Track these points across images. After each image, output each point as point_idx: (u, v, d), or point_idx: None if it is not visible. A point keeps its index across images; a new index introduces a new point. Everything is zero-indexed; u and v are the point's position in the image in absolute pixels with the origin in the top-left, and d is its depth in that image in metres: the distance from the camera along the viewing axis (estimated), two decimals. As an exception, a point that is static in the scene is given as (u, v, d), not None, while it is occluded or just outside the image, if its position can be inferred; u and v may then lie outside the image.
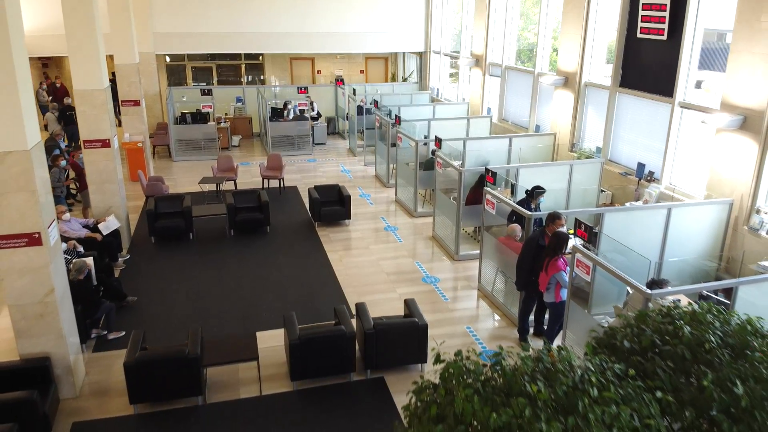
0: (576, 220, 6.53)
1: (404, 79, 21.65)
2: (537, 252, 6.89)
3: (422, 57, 20.12)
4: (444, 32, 18.63)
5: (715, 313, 3.17)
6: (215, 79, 21.63)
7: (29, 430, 5.46)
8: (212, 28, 17.81)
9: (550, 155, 11.96)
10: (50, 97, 19.51)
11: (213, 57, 21.43)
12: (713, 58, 9.12)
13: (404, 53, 21.71)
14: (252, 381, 6.60)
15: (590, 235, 6.55)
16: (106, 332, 7.50)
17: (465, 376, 2.73)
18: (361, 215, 11.98)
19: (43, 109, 20.37)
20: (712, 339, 2.94)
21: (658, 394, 2.67)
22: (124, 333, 7.49)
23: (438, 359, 2.95)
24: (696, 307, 3.30)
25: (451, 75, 19.03)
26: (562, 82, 11.72)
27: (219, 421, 6.07)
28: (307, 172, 15.15)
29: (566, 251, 6.54)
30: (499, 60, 14.80)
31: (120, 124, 15.36)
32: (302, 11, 18.25)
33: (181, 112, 16.47)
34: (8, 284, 5.91)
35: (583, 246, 6.33)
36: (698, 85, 9.25)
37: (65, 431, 5.91)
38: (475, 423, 2.51)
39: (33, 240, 5.79)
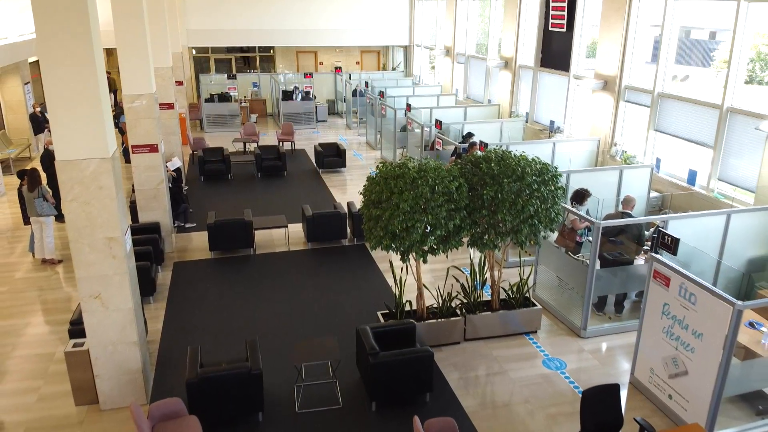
0: (480, 141, 10.46)
1: (393, 69, 25.58)
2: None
3: (407, 50, 24.06)
4: (424, 29, 22.58)
5: (500, 150, 7.08)
6: (234, 69, 25.55)
7: (155, 254, 9.31)
8: (233, 25, 21.80)
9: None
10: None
11: (231, 50, 25.37)
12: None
13: (393, 47, 25.66)
14: (282, 242, 10.55)
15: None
16: (184, 223, 11.43)
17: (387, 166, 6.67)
18: (354, 167, 15.90)
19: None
20: (493, 156, 6.87)
21: (460, 167, 6.65)
22: (195, 224, 11.42)
23: (377, 167, 6.88)
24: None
25: (433, 67, 22.93)
26: (504, 65, 15.64)
27: (263, 264, 9.94)
28: (312, 140, 19.04)
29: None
30: (463, 50, 18.72)
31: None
32: (305, 10, 22.25)
33: (210, 94, 20.41)
34: (136, 176, 9.83)
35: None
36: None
37: (169, 266, 9.82)
38: (386, 177, 6.45)
39: (153, 148, 9.71)
